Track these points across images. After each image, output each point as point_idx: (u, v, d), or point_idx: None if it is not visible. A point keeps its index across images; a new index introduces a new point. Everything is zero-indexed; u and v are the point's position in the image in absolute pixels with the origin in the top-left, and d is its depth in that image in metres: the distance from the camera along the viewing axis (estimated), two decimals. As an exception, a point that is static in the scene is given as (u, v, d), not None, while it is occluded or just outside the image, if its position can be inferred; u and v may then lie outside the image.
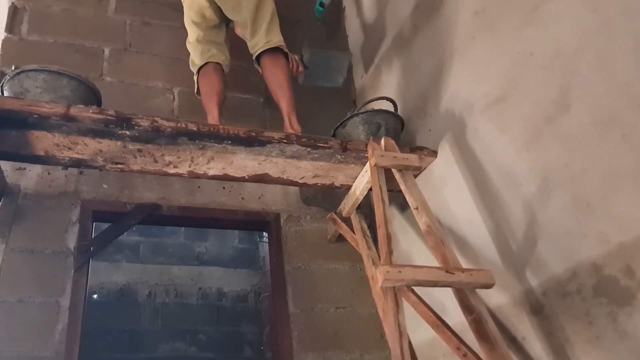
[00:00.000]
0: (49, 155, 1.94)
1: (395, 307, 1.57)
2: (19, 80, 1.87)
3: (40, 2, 2.71)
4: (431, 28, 2.39)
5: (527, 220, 1.74)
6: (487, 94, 1.97)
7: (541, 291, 1.67)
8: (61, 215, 2.24)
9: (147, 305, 4.17)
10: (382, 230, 1.80)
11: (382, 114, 2.29)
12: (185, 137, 1.93)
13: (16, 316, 2.00)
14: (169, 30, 2.91)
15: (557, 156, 1.64)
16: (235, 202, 2.55)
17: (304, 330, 2.37)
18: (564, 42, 1.65)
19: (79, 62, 2.60)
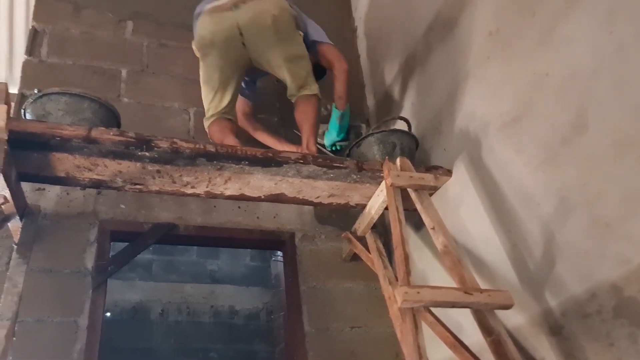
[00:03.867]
0: (69, 176, 1.97)
1: (414, 328, 1.57)
2: (41, 103, 1.91)
3: (60, 25, 2.77)
4: (445, 48, 2.42)
5: (545, 240, 1.74)
6: (503, 113, 1.98)
7: (560, 312, 1.66)
8: (79, 235, 2.27)
9: (160, 324, 4.17)
10: (399, 251, 1.80)
11: (397, 134, 2.31)
12: (203, 158, 1.96)
13: (35, 336, 2.02)
14: (185, 51, 2.94)
15: (575, 176, 1.64)
16: (250, 222, 2.57)
17: (320, 350, 2.36)
18: (580, 63, 1.66)
19: (97, 83, 2.65)
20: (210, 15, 2.38)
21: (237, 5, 2.34)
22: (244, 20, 2.36)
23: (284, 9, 2.43)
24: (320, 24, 3.35)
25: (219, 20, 2.37)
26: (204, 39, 2.43)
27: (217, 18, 2.37)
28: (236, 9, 2.34)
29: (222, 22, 2.38)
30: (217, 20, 2.37)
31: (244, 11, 2.35)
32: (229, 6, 2.35)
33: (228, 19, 2.36)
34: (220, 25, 2.38)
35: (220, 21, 2.38)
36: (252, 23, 2.38)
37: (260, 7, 2.37)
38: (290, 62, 2.45)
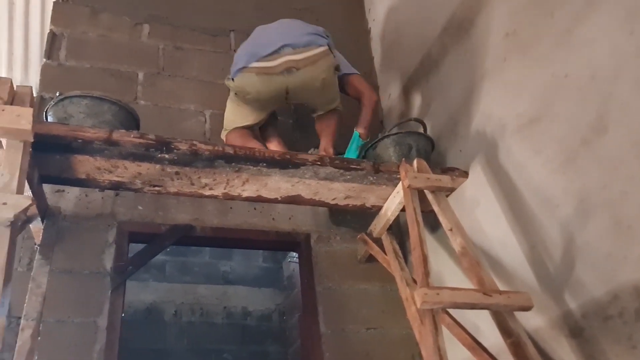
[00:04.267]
0: (90, 178, 1.99)
1: (434, 330, 1.58)
2: (63, 106, 1.94)
3: (77, 29, 2.80)
4: (461, 50, 2.42)
5: (564, 242, 1.74)
6: (520, 115, 1.98)
7: (581, 314, 1.66)
8: (98, 237, 2.29)
9: (174, 324, 4.19)
10: (417, 252, 1.81)
11: (413, 136, 2.31)
12: (222, 160, 1.98)
13: (56, 336, 2.04)
14: (200, 54, 2.98)
15: (595, 178, 1.64)
16: (266, 223, 2.58)
17: (336, 351, 2.37)
18: (600, 65, 1.66)
19: (115, 86, 2.68)
20: (259, 76, 2.27)
21: (290, 71, 2.24)
22: (294, 84, 2.29)
23: (331, 67, 2.35)
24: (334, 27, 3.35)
25: (267, 82, 2.28)
26: (247, 93, 2.36)
27: (266, 81, 2.28)
28: (288, 74, 2.25)
29: (270, 85, 2.29)
30: (266, 82, 2.28)
31: (295, 77, 2.26)
32: (279, 70, 2.25)
33: (277, 83, 2.28)
34: (268, 87, 2.30)
35: (268, 84, 2.29)
36: (302, 87, 2.33)
37: (311, 73, 2.28)
38: (327, 103, 2.48)
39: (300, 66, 2.25)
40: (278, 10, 3.30)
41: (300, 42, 2.28)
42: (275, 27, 2.45)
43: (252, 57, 2.30)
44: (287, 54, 2.25)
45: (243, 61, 2.31)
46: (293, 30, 2.37)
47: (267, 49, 2.28)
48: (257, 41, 2.40)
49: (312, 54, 2.28)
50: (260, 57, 2.27)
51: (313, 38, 2.31)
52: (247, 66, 2.29)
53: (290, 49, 2.26)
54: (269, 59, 2.26)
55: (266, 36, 2.39)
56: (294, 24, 2.47)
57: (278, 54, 2.26)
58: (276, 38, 2.32)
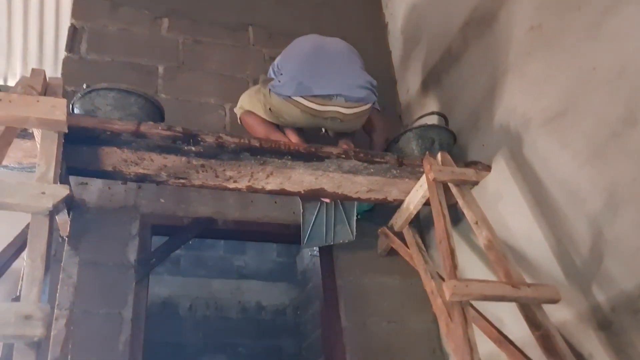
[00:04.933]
0: (116, 170, 2.01)
1: (464, 322, 1.58)
2: (90, 99, 1.94)
3: (98, 22, 2.81)
4: (483, 44, 2.42)
5: (592, 236, 1.74)
6: (546, 109, 1.98)
7: (609, 307, 1.65)
8: (122, 229, 2.30)
9: (189, 319, 4.21)
10: (444, 245, 1.81)
11: (436, 129, 2.31)
12: (247, 152, 1.98)
13: (81, 327, 2.05)
14: (220, 48, 2.98)
15: (625, 171, 1.64)
16: (287, 217, 2.59)
17: (357, 344, 2.38)
18: (630, 57, 1.65)
19: (135, 79, 2.68)
20: (303, 114, 2.21)
21: (334, 120, 2.22)
22: (332, 128, 2.31)
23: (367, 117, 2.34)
24: (351, 21, 3.38)
25: (308, 120, 2.24)
26: (283, 118, 2.31)
27: (308, 118, 2.23)
28: (331, 121, 2.23)
29: (310, 121, 2.26)
30: (307, 119, 2.24)
31: (336, 125, 2.26)
32: (325, 116, 2.21)
33: (317, 122, 2.26)
34: (306, 122, 2.26)
35: (309, 121, 2.25)
36: (335, 129, 2.35)
37: (352, 125, 2.30)
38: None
39: (346, 120, 2.23)
40: (297, 5, 3.33)
41: (354, 97, 2.20)
42: (335, 62, 2.31)
43: (302, 90, 2.19)
44: (338, 105, 2.18)
45: (291, 89, 2.20)
46: (351, 76, 2.27)
47: (320, 90, 2.18)
48: (312, 72, 2.24)
49: (360, 110, 2.23)
50: (310, 95, 2.18)
51: (366, 94, 2.24)
52: (294, 97, 2.19)
53: (343, 100, 2.18)
54: (319, 101, 2.18)
55: (323, 71, 2.25)
56: (353, 67, 2.34)
57: (329, 100, 2.18)
58: (333, 81, 2.21)
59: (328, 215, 2.50)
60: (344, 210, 2.51)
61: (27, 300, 1.12)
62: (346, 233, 2.52)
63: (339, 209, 2.51)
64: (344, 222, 2.52)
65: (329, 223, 2.51)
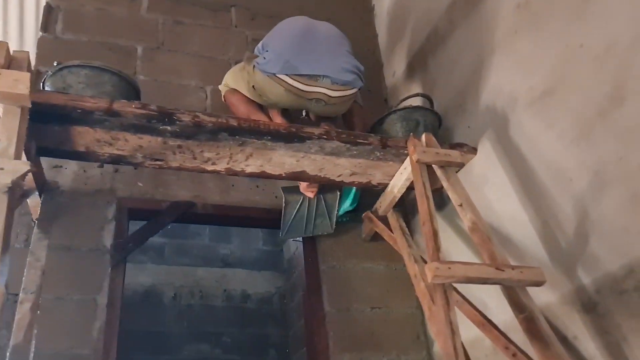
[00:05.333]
0: (89, 151, 1.93)
1: (446, 304, 1.54)
2: (62, 76, 1.87)
3: (74, 1, 2.72)
4: (469, 24, 2.36)
5: (578, 216, 1.70)
6: (533, 88, 1.93)
7: (594, 289, 1.62)
8: (97, 213, 2.24)
9: (172, 307, 4.15)
10: (427, 227, 1.77)
11: (421, 111, 2.26)
12: (225, 132, 1.92)
13: (54, 313, 1.99)
14: (201, 29, 2.91)
15: (611, 150, 1.60)
16: (268, 201, 2.53)
17: (340, 330, 2.34)
18: (617, 33, 1.61)
19: (113, 60, 2.58)
20: (287, 92, 2.15)
21: (318, 102, 2.16)
22: (315, 110, 2.26)
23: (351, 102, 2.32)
24: (336, 4, 3.31)
25: (292, 99, 2.19)
26: (266, 97, 2.25)
27: (292, 98, 2.18)
28: (316, 103, 2.17)
29: (294, 102, 2.21)
30: (291, 99, 2.18)
31: (320, 107, 2.21)
32: (310, 97, 2.15)
33: (301, 103, 2.22)
34: (290, 102, 2.21)
35: (293, 101, 2.20)
36: (320, 113, 2.30)
37: (336, 109, 2.25)
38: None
39: (331, 102, 2.17)
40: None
41: (341, 79, 2.14)
42: (323, 44, 2.24)
43: (288, 68, 2.13)
44: (324, 86, 2.13)
45: (277, 67, 2.14)
46: (339, 59, 2.20)
47: (307, 69, 2.12)
48: (299, 51, 2.18)
49: (346, 94, 2.18)
50: (296, 74, 2.12)
51: (353, 79, 2.18)
52: (279, 75, 2.13)
53: (329, 81, 2.13)
54: (305, 81, 2.12)
55: (311, 51, 2.18)
56: (342, 50, 2.27)
57: (315, 80, 2.12)
58: (320, 62, 2.15)
59: (310, 208, 2.46)
60: (326, 204, 2.48)
61: (-19, 281, 1.06)
62: (326, 226, 2.50)
63: (321, 203, 2.47)
64: (325, 216, 2.49)
65: (309, 216, 2.48)
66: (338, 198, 2.48)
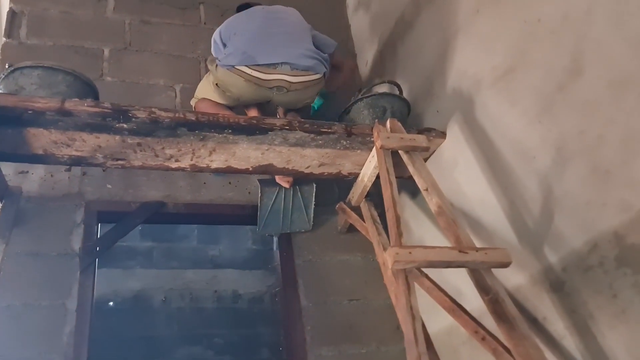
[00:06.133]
0: (47, 153, 1.90)
1: (406, 289, 1.49)
2: (14, 78, 1.84)
3: (38, 6, 2.70)
4: (433, 7, 2.32)
5: (542, 194, 1.66)
6: (495, 67, 1.89)
7: (561, 267, 1.58)
8: (65, 217, 2.21)
9: (163, 311, 4.12)
10: (390, 212, 1.72)
11: (387, 97, 2.22)
12: (184, 127, 1.88)
13: (22, 320, 1.97)
14: (169, 27, 2.88)
15: (572, 125, 1.56)
16: (241, 197, 2.50)
17: (318, 324, 2.31)
18: (573, 4, 1.57)
19: (79, 63, 2.57)
20: (247, 83, 2.15)
21: (280, 89, 2.15)
22: (279, 100, 2.24)
23: (317, 92, 2.31)
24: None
25: (254, 91, 2.18)
26: (229, 92, 2.23)
27: (253, 89, 2.17)
28: (277, 91, 2.16)
29: (255, 94, 2.20)
30: (252, 90, 2.18)
31: (282, 95, 2.19)
32: (270, 86, 2.15)
33: (263, 93, 2.20)
34: (252, 93, 2.20)
35: (254, 92, 2.19)
36: (284, 104, 2.29)
37: (299, 96, 2.22)
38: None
39: (292, 89, 2.16)
40: (249, -19, 3.20)
41: (301, 65, 2.14)
42: (280, 34, 2.23)
43: (246, 60, 2.13)
44: (283, 73, 2.13)
45: (236, 59, 2.14)
46: (298, 46, 2.20)
47: (265, 58, 2.13)
48: (256, 42, 2.18)
49: (307, 79, 2.17)
50: (255, 64, 2.12)
51: (314, 64, 2.17)
52: (238, 67, 2.13)
53: (289, 68, 2.13)
54: (264, 70, 2.12)
55: (267, 41, 2.19)
56: (301, 36, 2.27)
57: (274, 68, 2.12)
58: (278, 50, 2.15)
59: (286, 201, 2.44)
60: (302, 197, 2.44)
61: None
62: (303, 222, 2.48)
63: (297, 196, 2.45)
64: (302, 210, 2.46)
65: (286, 210, 2.44)
66: (314, 191, 2.45)
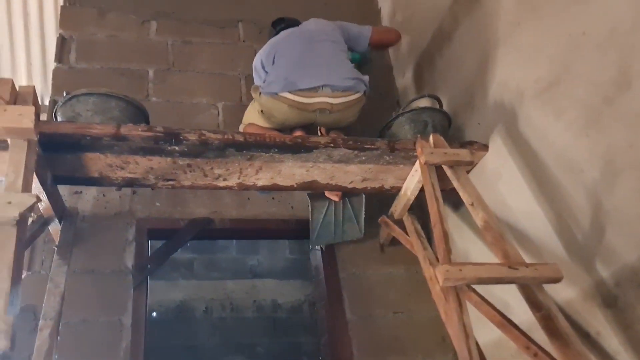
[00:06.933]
0: (102, 176, 1.98)
1: (458, 307, 1.51)
2: (71, 105, 1.93)
3: (86, 31, 2.81)
4: (472, 19, 2.33)
5: (592, 207, 1.65)
6: (539, 79, 1.89)
7: (614, 282, 1.57)
8: (118, 235, 2.29)
9: (205, 321, 4.21)
10: (437, 229, 1.74)
11: (428, 112, 2.24)
12: (232, 148, 1.94)
13: (81, 336, 2.05)
14: (210, 46, 2.95)
15: (621, 138, 1.55)
16: (285, 212, 2.55)
17: (363, 337, 2.33)
18: (619, 18, 1.56)
19: (126, 85, 2.67)
20: (290, 108, 2.20)
21: (323, 112, 2.19)
22: (323, 121, 2.27)
23: (360, 110, 2.30)
24: (344, 9, 3.31)
25: (297, 115, 2.22)
26: (274, 117, 2.28)
27: (297, 114, 2.22)
28: (320, 113, 2.20)
29: (299, 117, 2.23)
30: (296, 115, 2.22)
31: (326, 117, 2.23)
32: (313, 109, 2.19)
33: (307, 117, 2.23)
34: (296, 118, 2.24)
35: (298, 116, 2.23)
36: (328, 125, 2.32)
37: (343, 116, 2.25)
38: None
39: (335, 110, 2.20)
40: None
41: (341, 86, 2.19)
42: (319, 57, 2.28)
43: (288, 86, 2.19)
44: (325, 95, 2.17)
45: (278, 86, 2.20)
46: (337, 70, 2.24)
47: (306, 83, 2.18)
48: (296, 67, 2.24)
49: (349, 100, 2.21)
50: (296, 90, 2.18)
51: (354, 83, 2.21)
52: (281, 94, 2.19)
53: (329, 90, 2.17)
54: (306, 94, 2.17)
55: (307, 65, 2.25)
56: (340, 58, 2.32)
57: (315, 91, 2.17)
58: (318, 73, 2.20)
59: (336, 213, 2.46)
60: (352, 208, 2.47)
61: (-9, 313, 1.10)
62: (355, 231, 2.49)
63: (347, 207, 2.47)
64: (353, 220, 2.48)
65: (337, 222, 2.47)
66: (363, 201, 2.47)
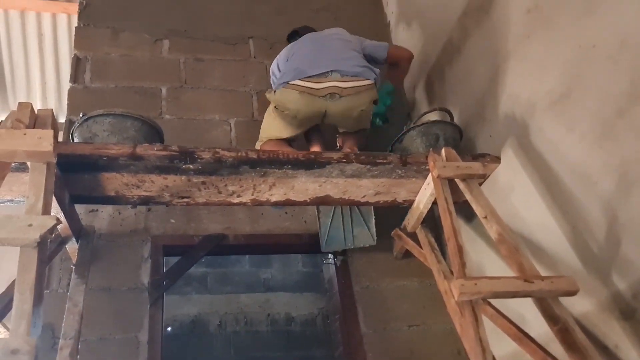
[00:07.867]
0: (119, 195, 2.01)
1: (474, 321, 1.51)
2: (87, 126, 1.97)
3: (100, 51, 2.86)
4: (482, 32, 2.35)
5: (607, 219, 1.65)
6: (550, 91, 1.90)
7: (631, 294, 1.56)
8: (134, 253, 2.32)
9: (219, 335, 4.22)
10: (452, 243, 1.75)
11: (439, 125, 2.25)
12: (246, 165, 1.96)
13: (99, 353, 2.07)
14: (221, 63, 2.99)
15: (634, 149, 1.55)
16: (298, 226, 2.56)
17: (378, 350, 2.33)
18: (630, 30, 1.57)
19: (139, 103, 2.71)
20: (302, 95, 2.26)
21: (332, 97, 2.25)
22: (334, 110, 2.30)
23: (371, 101, 2.34)
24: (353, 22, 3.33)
25: (309, 102, 2.28)
26: (287, 109, 2.33)
27: (308, 100, 2.27)
28: (330, 99, 2.25)
29: (311, 105, 2.28)
30: (307, 102, 2.28)
31: (336, 103, 2.27)
32: (323, 94, 2.25)
33: (318, 104, 2.28)
34: (308, 107, 2.29)
35: (310, 104, 2.28)
36: (340, 113, 2.33)
37: (352, 102, 2.29)
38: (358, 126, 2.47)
39: (344, 94, 2.26)
40: (295, 13, 3.31)
41: (350, 72, 2.27)
42: (329, 49, 2.39)
43: (298, 74, 2.29)
44: (334, 80, 2.26)
45: (289, 76, 2.30)
46: (346, 59, 2.34)
47: (315, 70, 2.28)
48: (307, 58, 2.37)
49: (358, 84, 2.27)
50: (306, 76, 2.27)
51: (363, 70, 2.29)
52: (291, 82, 2.28)
53: (339, 75, 2.26)
54: (315, 80, 2.26)
55: (317, 56, 2.36)
56: (349, 48, 2.43)
57: (325, 77, 2.26)
58: (327, 61, 2.31)
59: (344, 217, 2.47)
60: (361, 213, 2.47)
61: (15, 334, 1.11)
62: (366, 237, 2.48)
63: (355, 211, 2.47)
64: (363, 225, 2.48)
65: (346, 225, 2.47)
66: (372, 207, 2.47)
